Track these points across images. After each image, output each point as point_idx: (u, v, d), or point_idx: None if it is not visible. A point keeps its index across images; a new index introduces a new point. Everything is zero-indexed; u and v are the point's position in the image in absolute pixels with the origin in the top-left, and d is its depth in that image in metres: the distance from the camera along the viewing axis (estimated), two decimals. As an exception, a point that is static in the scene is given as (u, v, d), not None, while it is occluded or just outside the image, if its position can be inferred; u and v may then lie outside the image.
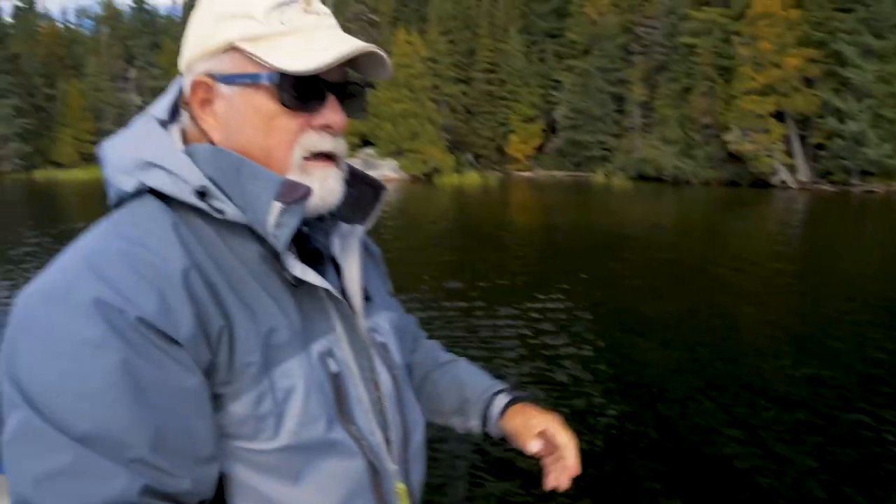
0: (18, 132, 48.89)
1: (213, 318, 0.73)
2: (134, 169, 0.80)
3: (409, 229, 17.68)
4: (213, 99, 0.83)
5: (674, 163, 38.33)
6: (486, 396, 1.15)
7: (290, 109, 0.81)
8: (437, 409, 1.19)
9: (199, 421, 0.71)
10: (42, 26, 63.04)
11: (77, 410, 0.63)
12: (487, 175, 46.12)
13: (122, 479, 0.63)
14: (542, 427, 1.04)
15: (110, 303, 0.66)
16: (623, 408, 5.17)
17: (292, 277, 0.80)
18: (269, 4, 0.81)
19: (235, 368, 0.74)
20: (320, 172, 0.84)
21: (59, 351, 0.65)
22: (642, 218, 20.52)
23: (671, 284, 10.02)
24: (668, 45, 41.88)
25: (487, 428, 1.14)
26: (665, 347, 6.86)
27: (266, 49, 0.79)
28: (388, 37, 49.28)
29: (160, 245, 0.73)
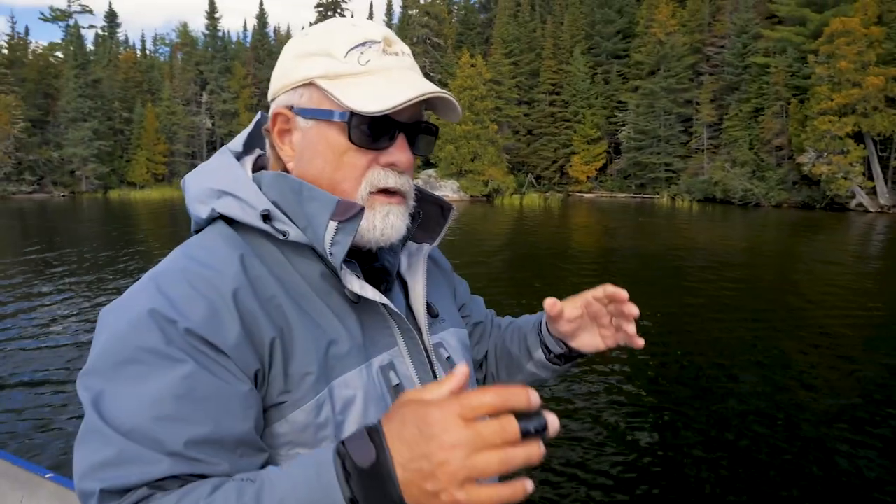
0: (96, 153, 51.71)
1: (263, 331, 0.77)
2: (207, 198, 0.88)
3: (467, 248, 17.62)
4: (291, 129, 0.89)
5: (743, 185, 36.95)
6: (535, 322, 1.17)
7: (359, 146, 0.85)
8: (512, 365, 1.21)
9: (241, 423, 0.73)
10: (121, 53, 66.88)
11: (127, 410, 0.70)
12: (549, 196, 45.73)
13: (162, 465, 0.68)
14: (579, 300, 1.04)
15: (164, 313, 0.73)
16: (689, 437, 4.89)
17: (352, 294, 0.84)
18: (349, 45, 0.85)
19: (292, 378, 0.78)
20: (383, 207, 0.87)
21: (117, 357, 0.72)
22: (709, 241, 19.80)
23: (740, 309, 9.55)
24: (738, 64, 40.72)
25: (549, 347, 1.12)
26: (729, 376, 6.49)
27: (342, 88, 0.83)
28: (452, 60, 49.92)
29: (218, 263, 0.80)
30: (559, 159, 49.33)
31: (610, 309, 1.03)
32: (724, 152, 40.14)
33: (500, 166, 45.22)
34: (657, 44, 44.95)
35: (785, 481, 4.16)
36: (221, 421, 0.71)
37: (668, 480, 4.23)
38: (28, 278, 11.96)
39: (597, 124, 47.80)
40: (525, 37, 51.91)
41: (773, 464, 4.43)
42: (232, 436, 0.72)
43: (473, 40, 55.25)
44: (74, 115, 52.17)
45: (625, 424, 5.13)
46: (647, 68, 46.06)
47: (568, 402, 5.59)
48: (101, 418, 0.69)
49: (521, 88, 50.25)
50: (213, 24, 62.71)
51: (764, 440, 4.88)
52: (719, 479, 4.23)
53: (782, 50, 37.31)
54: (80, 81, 52.84)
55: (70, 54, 54.45)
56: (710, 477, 4.27)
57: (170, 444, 0.68)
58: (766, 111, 37.77)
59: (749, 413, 5.50)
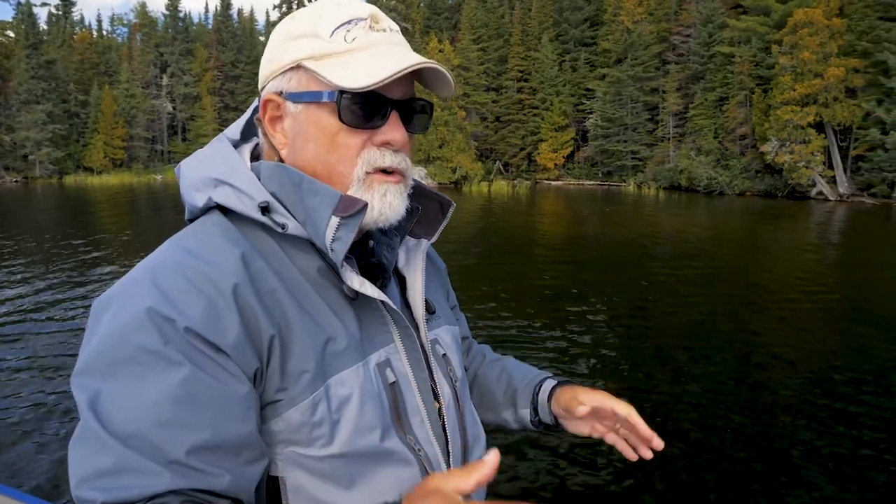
0: (50, 137, 49.93)
1: (263, 327, 0.75)
2: (204, 186, 0.86)
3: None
4: (282, 116, 0.87)
5: (708, 173, 37.45)
6: (534, 383, 1.15)
7: (350, 126, 0.82)
8: (489, 405, 1.19)
9: (241, 425, 0.72)
10: (76, 33, 64.51)
11: (125, 414, 0.68)
12: (517, 184, 45.72)
13: (164, 478, 0.66)
14: (592, 402, 1.00)
15: (162, 312, 0.71)
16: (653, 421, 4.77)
17: (350, 290, 0.83)
18: (335, 23, 0.83)
19: (289, 375, 0.77)
20: (380, 186, 0.85)
21: (114, 357, 0.70)
22: (675, 228, 19.93)
23: (704, 295, 9.54)
24: (704, 53, 41.12)
25: (539, 414, 1.13)
26: (693, 358, 6.42)
27: (329, 67, 0.81)
28: (420, 45, 49.32)
29: (215, 256, 0.77)
30: (527, 147, 49.34)
31: (619, 427, 1.04)
32: (690, 141, 40.60)
33: (467, 153, 45.02)
34: (624, 32, 45.12)
35: (749, 459, 4.08)
36: (222, 425, 0.70)
37: (630, 468, 4.10)
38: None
39: (564, 112, 47.89)
40: (493, 23, 51.59)
41: (736, 445, 4.40)
42: (233, 440, 0.71)
43: (441, 25, 54.72)
44: (27, 98, 50.20)
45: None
46: (615, 56, 46.24)
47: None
48: (99, 421, 0.67)
49: (490, 75, 49.99)
50: (174, 5, 60.94)
51: (728, 423, 4.86)
52: (684, 464, 4.13)
53: (747, 40, 37.78)
54: (33, 62, 50.86)
55: (21, 34, 52.27)
56: (676, 461, 4.15)
57: (170, 452, 0.67)
58: (731, 100, 38.28)
59: (711, 394, 5.48)
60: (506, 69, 50.40)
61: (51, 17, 65.26)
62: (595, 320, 8.00)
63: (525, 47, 50.19)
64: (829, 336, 7.56)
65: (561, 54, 49.70)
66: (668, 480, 4.06)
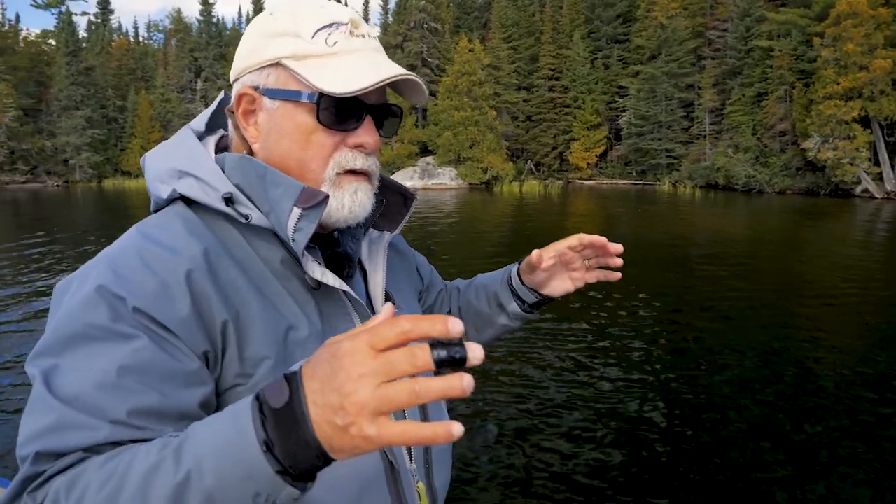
0: (89, 142, 51.04)
1: (216, 313, 0.77)
2: (168, 177, 0.87)
3: (465, 235, 17.14)
4: (256, 110, 0.89)
5: (747, 171, 36.33)
6: (505, 277, 1.23)
7: (326, 127, 0.85)
8: (484, 322, 1.26)
9: (187, 396, 0.72)
10: (114, 40, 65.94)
11: (72, 380, 0.69)
12: (548, 183, 45.12)
13: (103, 431, 0.66)
14: (548, 252, 1.11)
15: (113, 291, 0.73)
16: (689, 423, 4.41)
17: (312, 280, 0.85)
18: (316, 26, 0.85)
19: (248, 361, 0.78)
20: (351, 185, 0.88)
21: (67, 333, 0.72)
22: (712, 227, 19.27)
23: (743, 297, 9.05)
24: (741, 48, 39.95)
25: (523, 299, 1.20)
26: (730, 363, 6.01)
27: (310, 69, 0.83)
28: (450, 44, 49.14)
29: (173, 242, 0.79)
30: (559, 146, 48.75)
31: (586, 254, 1.13)
32: (727, 138, 39.52)
33: (498, 153, 44.61)
34: (658, 27, 44.17)
35: (787, 461, 3.71)
36: (167, 393, 0.71)
37: (673, 468, 3.77)
38: (23, 269, 11.46)
39: (597, 110, 47.15)
40: (524, 21, 51.11)
41: (776, 444, 4.02)
42: (177, 409, 0.71)
43: (471, 24, 54.46)
44: (67, 104, 51.50)
45: (627, 411, 4.68)
46: (648, 53, 45.32)
47: (575, 389, 5.13)
48: (48, 389, 0.69)
49: (520, 74, 49.54)
50: (208, 10, 61.80)
51: (768, 426, 4.50)
52: (722, 464, 3.77)
53: (787, 33, 36.55)
54: (73, 69, 52.11)
55: (62, 41, 53.63)
56: (713, 460, 3.80)
57: (112, 412, 0.67)
58: (770, 96, 37.09)
59: (749, 397, 5.16)
60: (537, 68, 49.87)
61: (90, 25, 66.94)
62: (627, 322, 7.63)
63: (556, 45, 49.59)
64: (879, 341, 7.04)
65: (593, 52, 48.97)
66: (702, 477, 3.72)
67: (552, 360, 6.31)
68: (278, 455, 0.57)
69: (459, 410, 4.95)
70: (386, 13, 59.32)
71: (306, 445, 0.56)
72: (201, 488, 0.57)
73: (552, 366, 6.12)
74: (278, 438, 0.56)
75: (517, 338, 6.97)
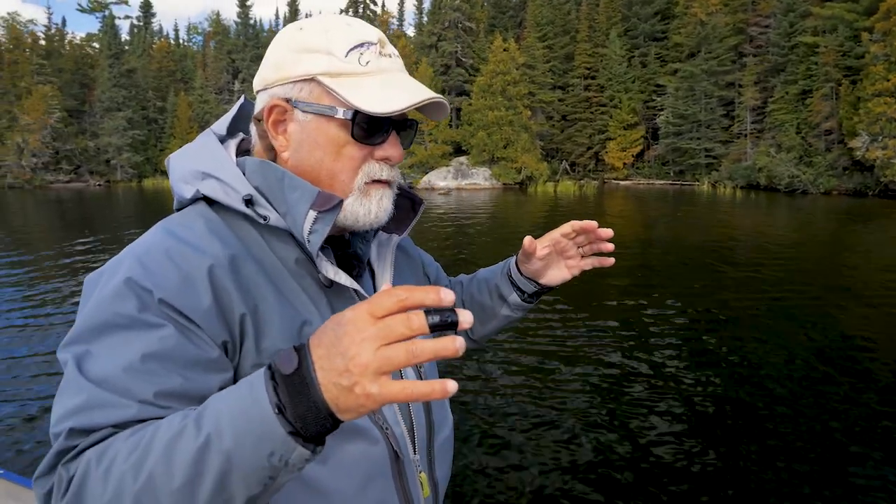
0: (130, 142, 52.16)
1: (235, 306, 0.82)
2: (192, 178, 0.93)
3: (498, 236, 16.88)
4: (286, 120, 0.93)
5: (790, 171, 35.21)
6: (504, 269, 1.28)
7: (358, 141, 0.90)
8: (488, 315, 1.31)
9: (208, 381, 0.78)
10: (155, 43, 67.30)
11: (102, 364, 0.75)
12: (583, 183, 44.48)
13: (131, 410, 0.72)
14: (543, 241, 1.16)
15: (140, 283, 0.78)
16: (730, 443, 4.11)
17: (325, 279, 0.91)
18: (349, 44, 0.89)
19: (265, 352, 0.83)
20: (377, 193, 0.94)
21: (97, 321, 0.77)
22: (754, 229, 18.64)
23: (788, 301, 8.61)
24: (784, 44, 38.80)
25: (523, 289, 1.25)
26: (774, 378, 5.64)
27: (345, 86, 0.87)
28: (484, 44, 48.85)
29: (197, 240, 0.84)
30: (594, 145, 48.07)
31: (579, 240, 1.17)
32: (769, 137, 38.41)
33: (533, 153, 44.16)
34: (698, 24, 43.19)
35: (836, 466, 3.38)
36: (190, 377, 0.76)
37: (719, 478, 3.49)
38: (68, 265, 11.62)
39: (634, 109, 46.34)
40: (559, 19, 50.51)
41: (824, 461, 3.70)
42: (199, 392, 0.76)
43: (506, 24, 54.05)
44: (109, 105, 52.72)
45: (665, 422, 4.39)
46: (687, 50, 44.38)
47: (612, 398, 4.86)
48: (80, 372, 0.74)
49: (555, 73, 48.98)
50: (245, 13, 62.64)
51: (812, 435, 4.18)
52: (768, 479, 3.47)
53: (833, 28, 35.33)
54: (115, 71, 53.33)
55: (105, 44, 54.94)
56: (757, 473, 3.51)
57: (140, 393, 0.73)
58: (815, 93, 35.91)
59: (792, 404, 4.89)
60: (572, 67, 49.26)
61: (132, 28, 68.46)
62: (665, 327, 7.29)
63: (592, 44, 48.90)
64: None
65: (630, 50, 48.15)
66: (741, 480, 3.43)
67: (584, 360, 6.16)
68: (290, 417, 0.62)
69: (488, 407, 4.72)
70: (420, 13, 59.28)
71: (315, 407, 0.62)
72: (220, 449, 0.63)
73: (583, 365, 5.93)
74: (289, 402, 0.62)
75: (556, 335, 6.79)
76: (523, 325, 7.63)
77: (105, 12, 59.64)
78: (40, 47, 56.97)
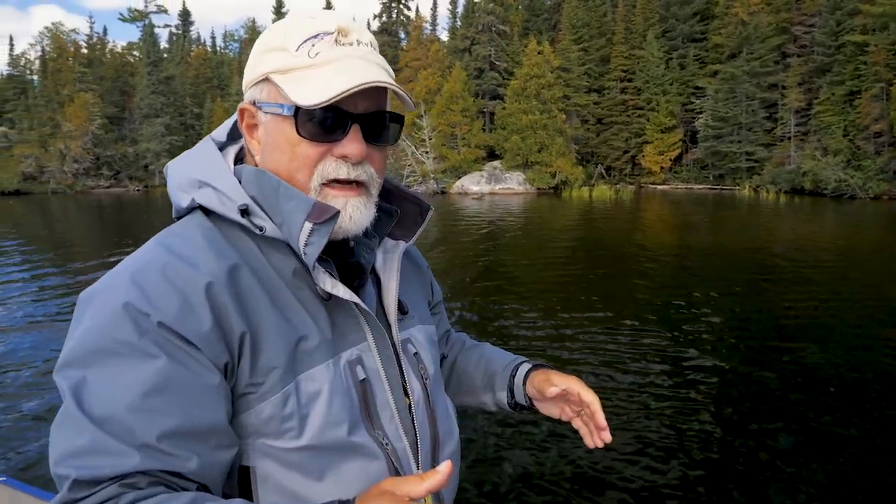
0: (168, 148, 52.99)
1: (234, 324, 0.80)
2: (189, 187, 0.90)
3: (532, 242, 16.42)
4: (256, 124, 0.92)
5: (837, 175, 33.86)
6: (511, 367, 1.20)
7: (308, 139, 0.86)
8: (468, 389, 1.26)
9: (211, 413, 0.76)
10: (193, 50, 68.43)
11: (102, 399, 0.73)
12: (619, 188, 43.59)
13: (133, 459, 0.71)
14: (563, 385, 1.07)
15: (138, 307, 0.76)
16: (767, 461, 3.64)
17: (323, 291, 0.87)
18: (302, 38, 0.86)
19: (260, 370, 0.81)
20: (338, 200, 0.88)
21: (94, 347, 0.75)
22: (799, 235, 17.79)
23: (837, 317, 7.98)
24: (831, 44, 37.46)
25: (515, 396, 1.18)
26: (817, 400, 5.10)
27: (291, 82, 0.85)
28: (518, 47, 48.37)
29: (194, 255, 0.82)
30: (631, 149, 47.17)
31: (583, 414, 1.10)
32: (814, 140, 37.06)
33: (568, 157, 43.46)
34: (739, 24, 41.98)
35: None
36: (192, 412, 0.74)
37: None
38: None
39: (671, 112, 45.31)
40: (595, 21, 49.76)
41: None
42: (202, 427, 0.75)
43: (540, 27, 53.44)
44: (148, 112, 53.69)
45: (699, 440, 3.95)
46: (728, 51, 43.21)
47: (653, 415, 4.42)
48: (79, 406, 0.72)
49: (591, 76, 48.21)
50: (280, 19, 63.28)
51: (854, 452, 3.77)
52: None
53: (883, 26, 33.93)
54: (153, 78, 54.31)
55: (144, 52, 56.04)
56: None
57: (141, 435, 0.71)
58: (864, 94, 34.52)
59: (836, 419, 4.60)
60: (608, 69, 48.45)
61: (171, 35, 69.79)
62: (705, 339, 6.81)
63: (629, 46, 48.03)
64: None
65: (668, 51, 47.13)
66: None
67: (624, 365, 6.03)
68: None
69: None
70: (454, 17, 59.08)
71: None
72: None
73: (623, 371, 5.73)
74: None
75: (594, 341, 6.74)
76: (559, 331, 7.48)
77: (145, 21, 60.86)
78: (82, 56, 58.38)
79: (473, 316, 8.37)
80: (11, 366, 6.33)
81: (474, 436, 4.49)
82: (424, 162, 43.48)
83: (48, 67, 56.58)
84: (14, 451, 4.41)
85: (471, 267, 12.34)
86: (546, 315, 8.33)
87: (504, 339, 7.15)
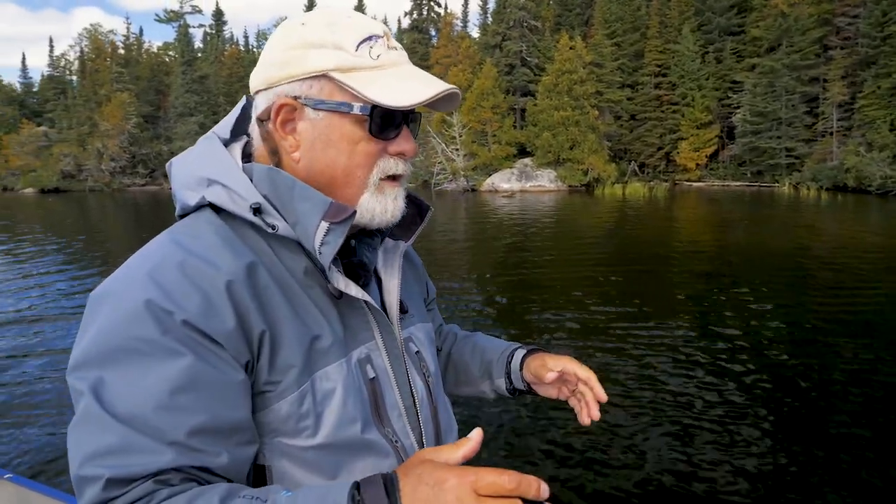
0: (196, 147, 53.82)
1: (255, 323, 0.80)
2: (196, 185, 0.89)
3: (564, 242, 16.06)
4: (296, 120, 0.89)
5: (882, 171, 32.60)
6: (507, 353, 1.24)
7: (374, 137, 0.88)
8: (466, 379, 1.29)
9: (236, 410, 0.77)
10: (226, 50, 69.24)
11: (128, 398, 0.72)
12: (653, 185, 42.72)
13: (166, 456, 0.71)
14: (559, 367, 1.11)
15: (161, 305, 0.74)
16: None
17: (335, 290, 0.88)
18: (358, 38, 0.87)
19: (277, 369, 0.82)
20: (392, 191, 0.92)
21: (112, 346, 0.74)
22: (843, 234, 17.10)
23: (884, 318, 7.51)
24: (876, 35, 36.06)
25: (512, 382, 1.22)
26: (857, 392, 4.70)
27: (360, 81, 0.85)
28: (550, 43, 47.79)
29: (211, 254, 0.81)
30: (665, 146, 46.20)
31: (581, 387, 1.13)
32: (858, 135, 35.79)
33: (600, 154, 42.78)
34: (778, 16, 40.73)
35: None
36: (219, 409, 0.75)
37: None
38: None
39: (707, 107, 44.22)
40: (629, 16, 48.85)
41: None
42: (229, 423, 0.75)
43: (572, 22, 52.74)
44: (182, 111, 54.54)
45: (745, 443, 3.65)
46: (766, 44, 41.96)
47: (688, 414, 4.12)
48: (102, 405, 0.71)
49: (624, 71, 47.38)
50: (307, 13, 63.63)
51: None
52: None
53: (932, 16, 32.61)
54: (187, 78, 55.12)
55: (179, 52, 56.87)
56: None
57: (171, 433, 0.71)
58: (911, 87, 33.21)
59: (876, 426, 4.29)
60: (642, 64, 47.55)
61: (205, 35, 70.70)
62: (743, 345, 6.45)
63: (663, 40, 47.04)
64: None
65: (704, 45, 46.04)
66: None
67: (659, 366, 5.89)
68: None
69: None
70: (485, 13, 58.66)
71: None
72: None
73: (654, 373, 5.46)
74: None
75: (629, 341, 6.19)
76: (593, 326, 7.35)
77: (180, 21, 61.74)
78: (119, 56, 59.55)
79: (504, 311, 8.12)
80: (22, 357, 6.28)
81: (464, 429, 4.30)
82: (455, 159, 43.24)
83: (86, 68, 57.84)
84: (20, 449, 4.39)
85: (500, 265, 12.11)
86: (579, 312, 8.09)
87: (539, 334, 7.04)
